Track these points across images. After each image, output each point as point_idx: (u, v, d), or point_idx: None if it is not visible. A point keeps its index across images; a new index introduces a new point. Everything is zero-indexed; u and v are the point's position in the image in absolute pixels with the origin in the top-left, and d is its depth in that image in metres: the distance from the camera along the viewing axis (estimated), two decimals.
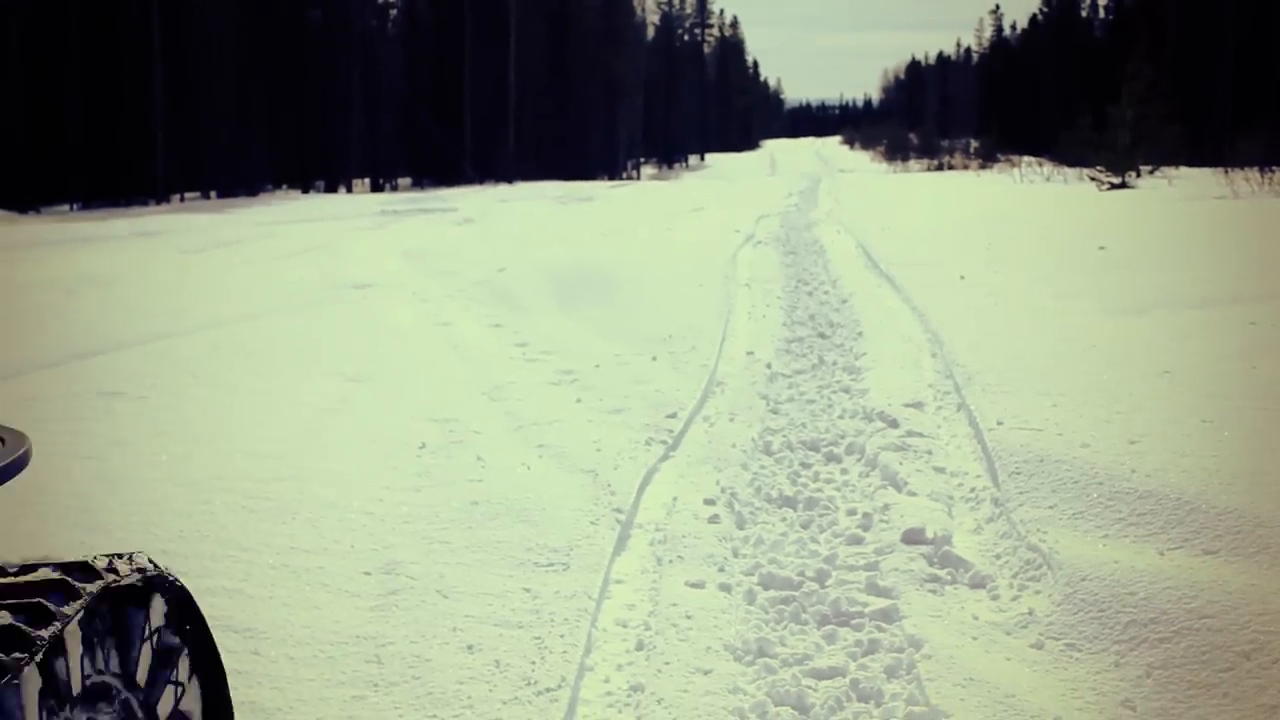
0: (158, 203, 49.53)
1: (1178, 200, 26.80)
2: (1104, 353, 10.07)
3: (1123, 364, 9.57)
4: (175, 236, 27.21)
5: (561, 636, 5.40)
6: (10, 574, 2.93)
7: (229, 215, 36.45)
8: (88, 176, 49.96)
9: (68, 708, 2.80)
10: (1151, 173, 37.40)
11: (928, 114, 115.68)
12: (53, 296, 15.68)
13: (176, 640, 3.34)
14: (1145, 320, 11.52)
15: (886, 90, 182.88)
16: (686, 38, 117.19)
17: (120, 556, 3.16)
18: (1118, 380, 8.98)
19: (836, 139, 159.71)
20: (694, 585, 5.98)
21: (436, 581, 5.96)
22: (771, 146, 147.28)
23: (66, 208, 48.04)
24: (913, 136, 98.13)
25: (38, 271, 19.27)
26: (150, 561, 3.25)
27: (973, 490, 7.30)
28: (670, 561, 6.33)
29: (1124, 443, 7.28)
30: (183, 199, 53.32)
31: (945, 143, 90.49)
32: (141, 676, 3.16)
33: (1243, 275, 13.75)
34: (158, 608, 3.24)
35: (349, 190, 64.38)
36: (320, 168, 66.43)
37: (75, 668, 2.84)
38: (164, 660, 3.27)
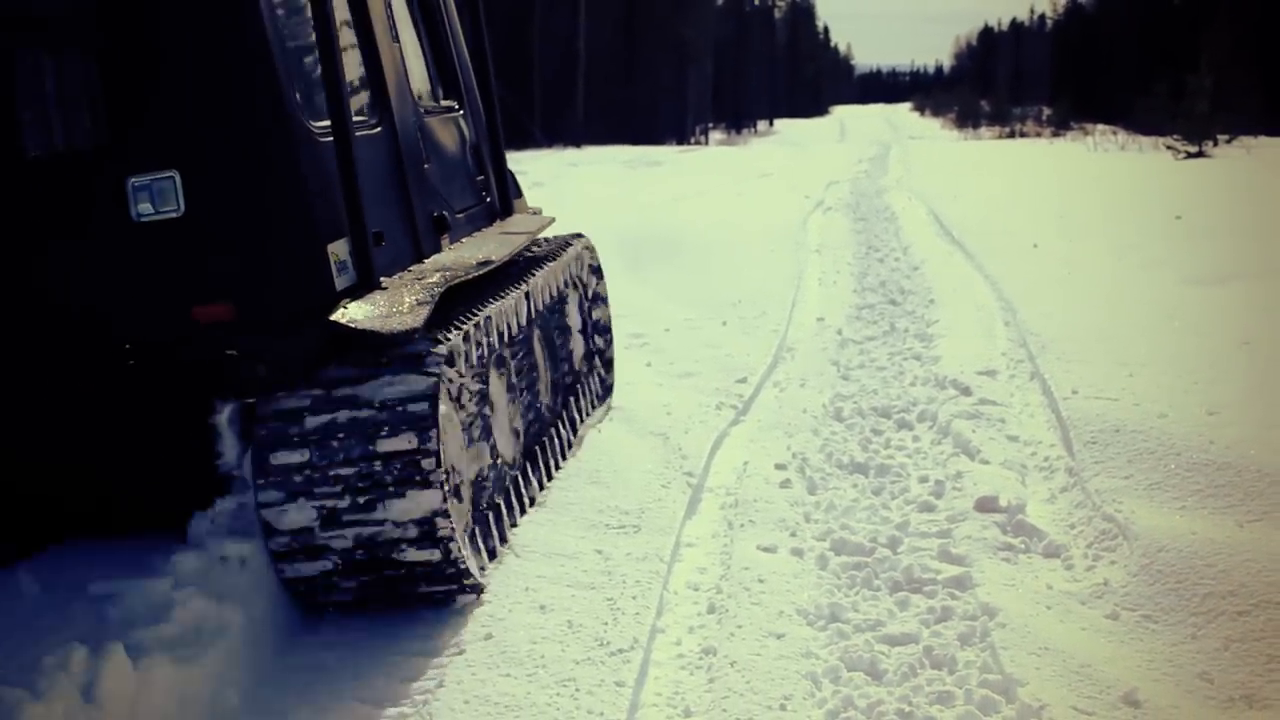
0: None
1: (1257, 169, 26.35)
2: (1181, 323, 9.93)
3: (1201, 334, 9.43)
4: None
5: (633, 598, 5.43)
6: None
7: None
8: None
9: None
10: (1229, 142, 36.70)
11: (1000, 81, 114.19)
12: None
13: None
14: (1224, 290, 11.35)
15: (958, 56, 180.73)
16: (756, 2, 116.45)
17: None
18: (1196, 350, 8.85)
19: (907, 105, 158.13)
20: (766, 549, 5.98)
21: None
22: (841, 113, 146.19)
23: None
24: (984, 103, 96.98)
25: None
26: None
27: (1046, 459, 7.23)
28: (741, 526, 6.33)
29: (1202, 414, 7.18)
30: None
31: (1017, 110, 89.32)
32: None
33: None
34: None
35: None
36: None
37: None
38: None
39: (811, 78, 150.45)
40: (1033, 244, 15.22)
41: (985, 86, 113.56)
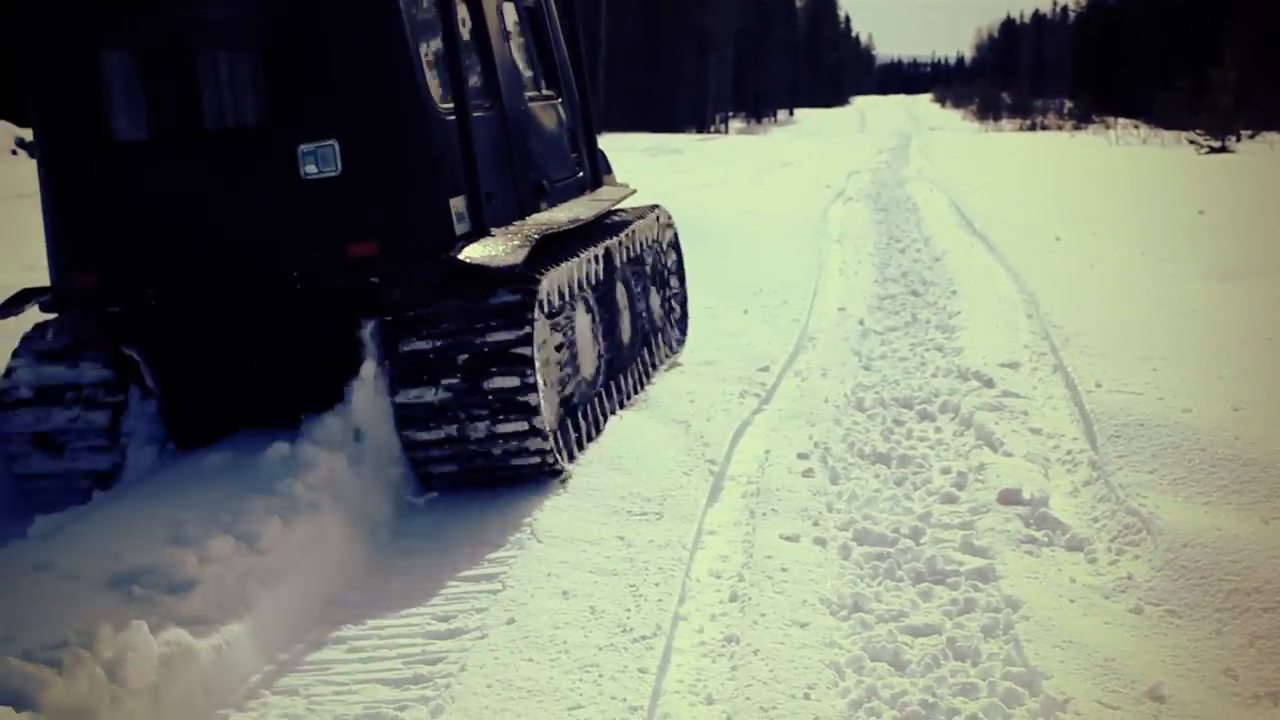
0: None
1: None
2: (1205, 318, 9.88)
3: (1225, 329, 9.39)
4: None
5: (656, 585, 5.43)
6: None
7: None
8: None
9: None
10: (1253, 137, 36.57)
11: (1021, 73, 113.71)
12: None
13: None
14: (1247, 285, 11.29)
15: (979, 48, 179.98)
16: None
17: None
18: (1220, 346, 8.81)
19: (927, 97, 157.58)
20: (788, 538, 5.98)
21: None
22: (861, 103, 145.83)
23: None
24: (1005, 96, 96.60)
25: None
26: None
27: (1069, 452, 7.21)
28: (764, 514, 6.33)
29: (1227, 409, 7.15)
30: None
31: (1038, 103, 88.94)
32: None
33: None
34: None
35: None
36: None
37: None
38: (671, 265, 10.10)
39: (832, 67, 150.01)
40: (1055, 237, 15.17)
41: (1006, 78, 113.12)
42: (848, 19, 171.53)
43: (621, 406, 8.02)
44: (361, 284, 6.65)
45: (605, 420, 7.66)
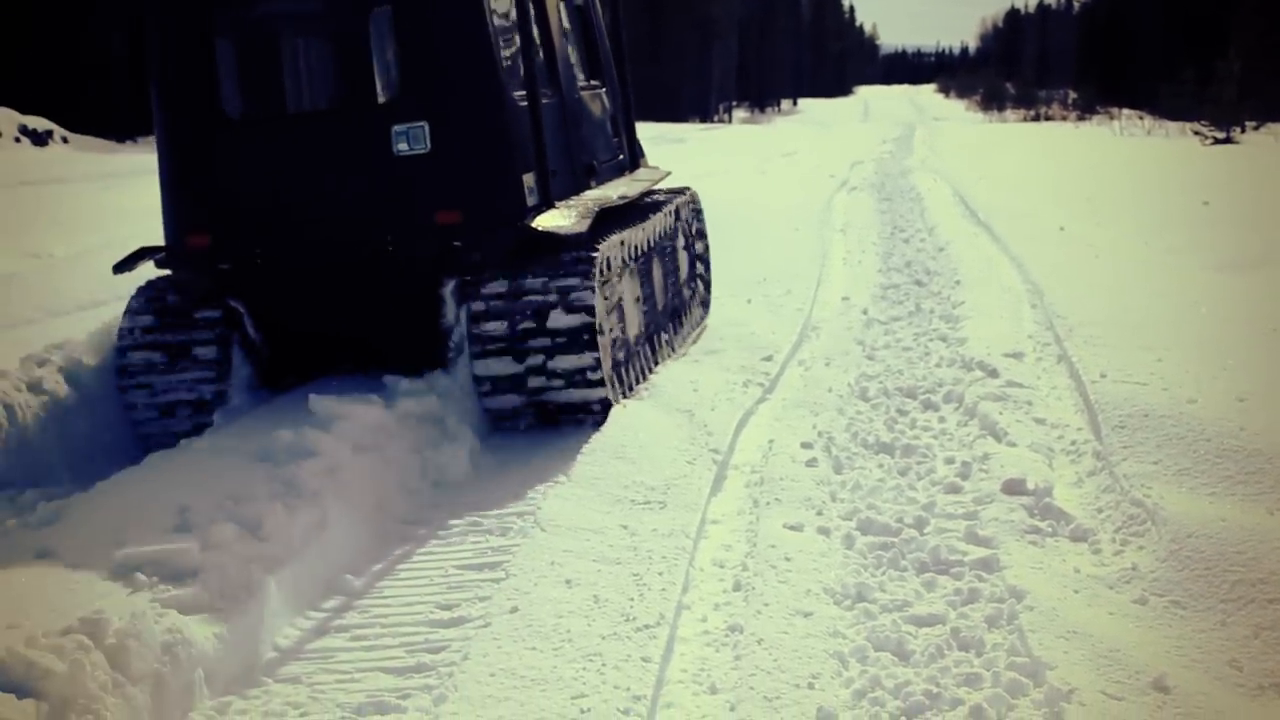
0: None
1: None
2: (1210, 308, 9.86)
3: (1229, 320, 9.37)
4: None
5: (659, 574, 5.42)
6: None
7: None
8: None
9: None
10: (1257, 128, 36.51)
11: (1025, 63, 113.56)
12: None
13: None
14: (1252, 276, 11.28)
15: (984, 38, 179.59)
16: None
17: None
18: (1224, 336, 8.79)
19: (931, 87, 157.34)
20: (792, 528, 5.96)
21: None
22: (865, 93, 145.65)
23: None
24: (1009, 86, 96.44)
25: None
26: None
27: (1074, 443, 7.19)
28: (767, 503, 6.32)
29: (1232, 399, 7.13)
30: None
31: (1042, 93, 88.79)
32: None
33: None
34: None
35: None
36: None
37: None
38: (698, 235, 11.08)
39: (836, 57, 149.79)
40: (1059, 227, 15.15)
41: (1011, 69, 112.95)
42: (851, 8, 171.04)
43: (658, 362, 8.96)
44: (446, 248, 7.59)
45: (649, 371, 8.66)
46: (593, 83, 9.72)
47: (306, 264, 7.79)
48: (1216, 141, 33.77)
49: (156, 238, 8.11)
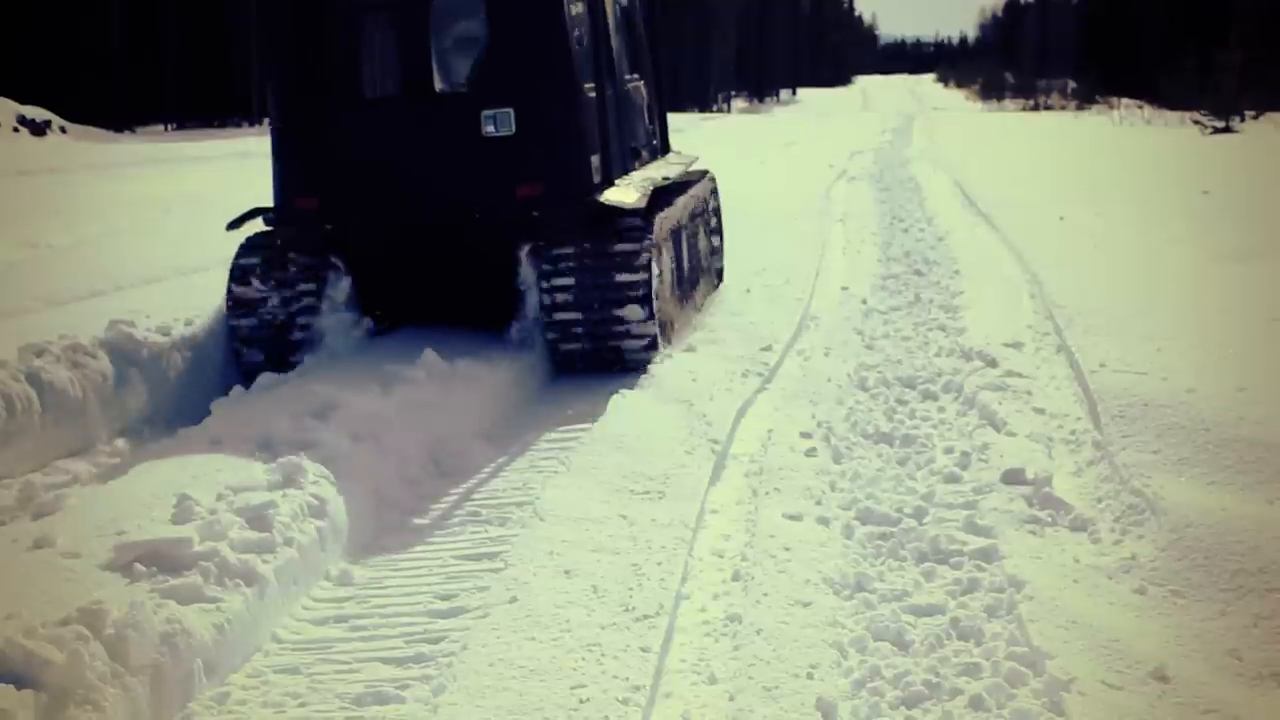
0: (250, 124, 49.75)
1: None
2: (1209, 298, 9.85)
3: (1229, 310, 9.36)
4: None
5: (658, 564, 5.40)
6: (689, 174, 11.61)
7: None
8: (182, 97, 50.21)
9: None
10: (1257, 118, 36.44)
11: (1025, 53, 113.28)
12: None
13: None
14: (1251, 266, 11.27)
15: (983, 28, 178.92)
16: None
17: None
18: (1224, 326, 8.78)
19: (930, 76, 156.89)
20: (791, 518, 5.96)
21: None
22: (864, 83, 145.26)
23: (161, 128, 48.42)
24: (1009, 76, 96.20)
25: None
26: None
27: (1073, 432, 7.19)
28: (767, 493, 6.31)
29: (1231, 389, 7.12)
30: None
31: (1042, 83, 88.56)
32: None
33: None
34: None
35: None
36: None
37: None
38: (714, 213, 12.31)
39: (835, 47, 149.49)
40: (1059, 217, 15.14)
41: (1010, 58, 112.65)
42: None
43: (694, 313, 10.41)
44: (525, 218, 8.74)
45: (677, 325, 9.84)
46: (635, 75, 10.84)
47: (401, 226, 8.95)
48: (1216, 131, 33.71)
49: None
